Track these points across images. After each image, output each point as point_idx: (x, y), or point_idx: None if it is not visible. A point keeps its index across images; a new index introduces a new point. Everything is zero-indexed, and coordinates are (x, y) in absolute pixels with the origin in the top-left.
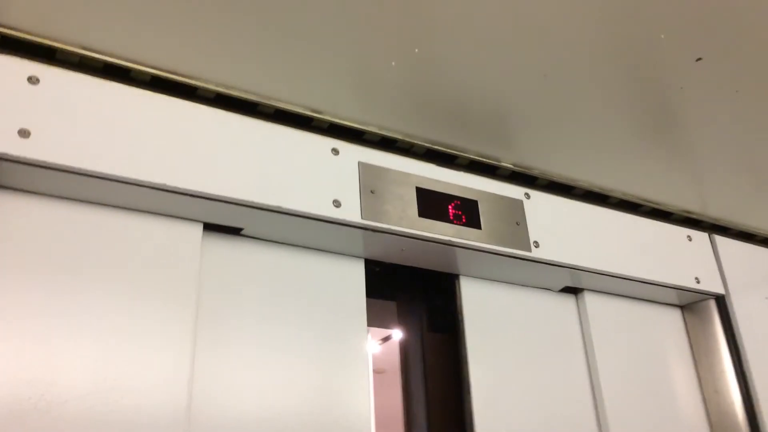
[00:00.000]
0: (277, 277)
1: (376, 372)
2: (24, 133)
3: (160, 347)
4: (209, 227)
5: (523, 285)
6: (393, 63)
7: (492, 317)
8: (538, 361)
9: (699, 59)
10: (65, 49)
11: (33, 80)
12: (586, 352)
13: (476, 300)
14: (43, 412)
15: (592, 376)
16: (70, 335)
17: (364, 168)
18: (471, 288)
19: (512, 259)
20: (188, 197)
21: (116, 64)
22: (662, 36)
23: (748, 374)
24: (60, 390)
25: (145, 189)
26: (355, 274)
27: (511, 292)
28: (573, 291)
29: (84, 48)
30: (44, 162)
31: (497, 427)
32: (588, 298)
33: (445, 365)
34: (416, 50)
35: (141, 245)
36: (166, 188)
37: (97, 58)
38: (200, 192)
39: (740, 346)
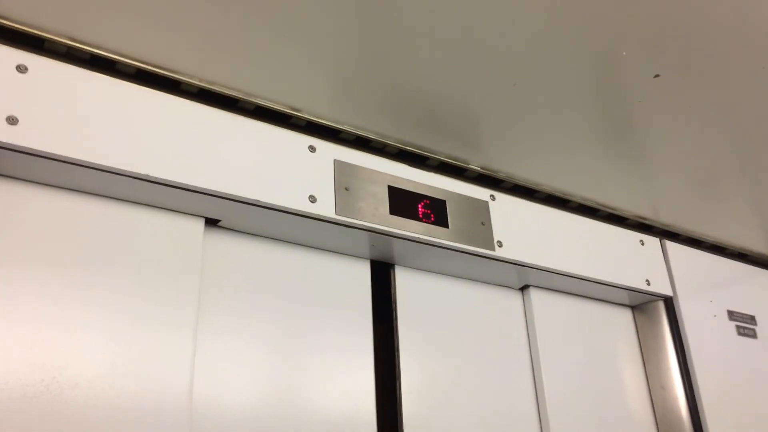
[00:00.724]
0: (265, 271)
1: None
2: (12, 120)
3: (165, 335)
4: (210, 221)
5: (483, 282)
6: (370, 66)
7: (428, 309)
8: (478, 356)
9: (657, 76)
10: (53, 39)
11: (21, 69)
12: (530, 349)
13: (411, 291)
14: (55, 394)
15: (536, 371)
16: (81, 323)
17: (339, 165)
18: (406, 278)
19: (471, 256)
20: (167, 188)
21: (103, 55)
22: (624, 53)
23: (692, 371)
24: (71, 374)
25: (128, 179)
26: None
27: (449, 284)
28: (522, 288)
29: (72, 39)
30: (31, 149)
31: (425, 415)
32: (537, 295)
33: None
34: (391, 55)
35: (139, 237)
36: (147, 178)
37: (85, 49)
38: (179, 183)
39: (685, 345)
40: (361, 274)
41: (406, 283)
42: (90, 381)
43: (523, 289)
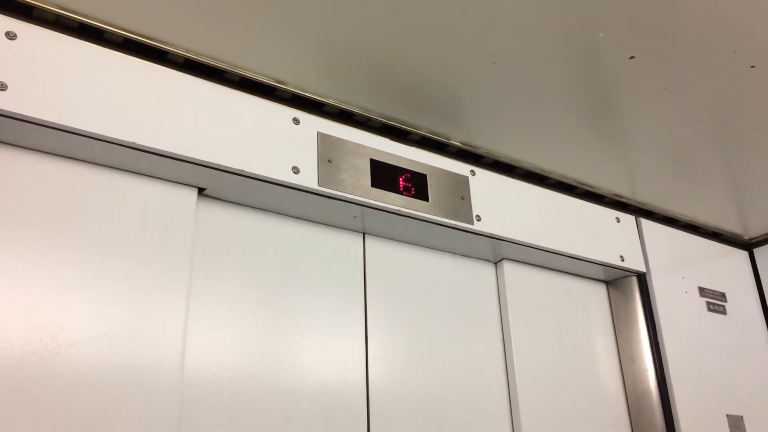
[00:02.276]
0: (258, 240)
1: None
2: (1, 86)
3: (158, 299)
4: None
5: (460, 255)
6: (354, 41)
7: (400, 279)
8: (449, 326)
9: (632, 57)
10: (42, 7)
11: (10, 35)
12: (502, 321)
13: (382, 260)
14: (53, 353)
15: (506, 343)
16: (79, 285)
17: (322, 138)
18: (378, 248)
19: (449, 229)
20: (153, 155)
21: (91, 24)
22: (600, 35)
23: (661, 345)
24: (69, 334)
25: (115, 146)
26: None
27: (424, 256)
28: (497, 261)
29: (60, 7)
30: (21, 115)
31: (392, 382)
32: (511, 268)
33: None
34: (375, 31)
35: (133, 204)
36: (133, 146)
37: (73, 18)
38: (166, 151)
39: (656, 320)
40: (354, 245)
41: (378, 253)
42: (87, 341)
43: (498, 262)
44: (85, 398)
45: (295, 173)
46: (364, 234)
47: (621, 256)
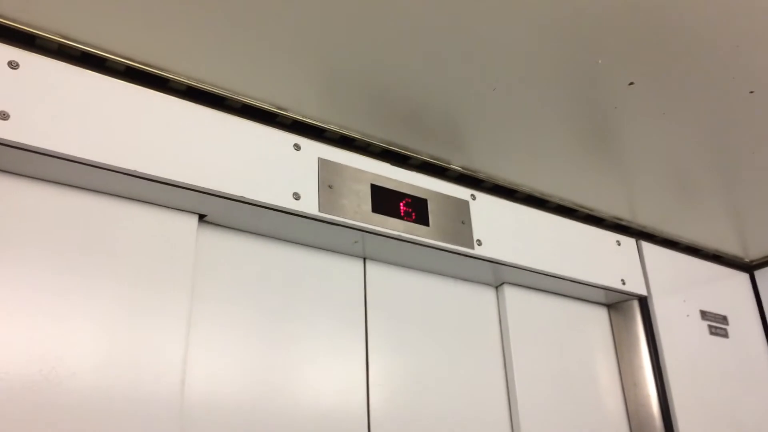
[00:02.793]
0: (259, 266)
1: None
2: (3, 116)
3: (159, 327)
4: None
5: (461, 279)
6: (355, 67)
7: (400, 304)
8: (450, 351)
9: (631, 83)
10: (45, 36)
11: (13, 65)
12: (503, 346)
13: (383, 286)
14: (53, 383)
15: (507, 367)
16: (78, 314)
17: (323, 164)
18: (379, 273)
19: (450, 254)
20: (154, 183)
21: (93, 53)
22: (599, 61)
23: (663, 369)
24: (69, 364)
25: (116, 174)
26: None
27: (425, 281)
28: (498, 285)
29: (63, 36)
30: (22, 144)
31: (393, 408)
32: (511, 292)
33: None
34: (375, 57)
35: (134, 231)
36: (136, 174)
37: (75, 47)
38: (167, 179)
39: (659, 344)
40: (355, 270)
41: (378, 277)
42: (87, 371)
43: (499, 286)
44: (85, 428)
45: (296, 199)
46: (364, 259)
47: (622, 280)
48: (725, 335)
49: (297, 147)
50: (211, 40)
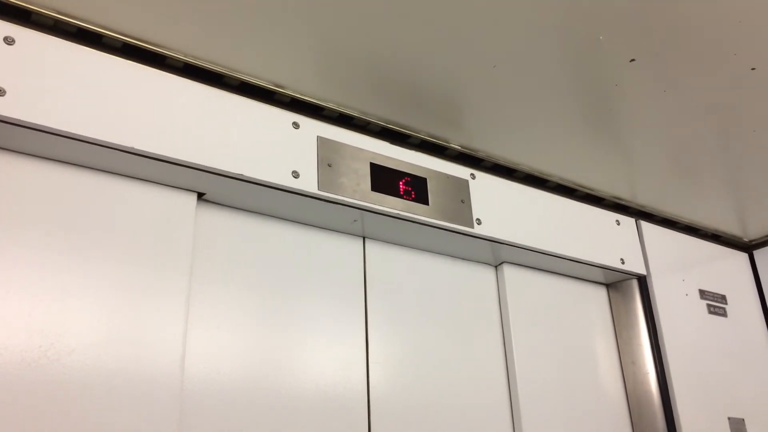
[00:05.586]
0: (258, 245)
1: None
2: None
3: (158, 304)
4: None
5: (460, 258)
6: (354, 45)
7: (399, 283)
8: (449, 330)
9: (632, 60)
10: (41, 12)
11: (9, 40)
12: (502, 324)
13: (380, 263)
14: (52, 360)
15: (507, 346)
16: (78, 291)
17: (322, 142)
18: (378, 252)
19: (450, 233)
20: (152, 160)
21: (89, 29)
22: (600, 37)
23: (662, 348)
24: (68, 341)
25: (114, 151)
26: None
27: (424, 259)
28: (498, 264)
29: (59, 12)
30: (19, 120)
31: (392, 385)
32: (511, 271)
33: None
34: (374, 34)
35: (133, 209)
36: (133, 151)
37: (71, 23)
38: (165, 156)
39: (657, 322)
40: (354, 249)
41: (378, 256)
42: (86, 347)
43: (499, 266)
44: (84, 405)
45: (295, 177)
46: (364, 238)
47: (621, 259)
48: (724, 314)
49: (296, 125)
50: (209, 16)
